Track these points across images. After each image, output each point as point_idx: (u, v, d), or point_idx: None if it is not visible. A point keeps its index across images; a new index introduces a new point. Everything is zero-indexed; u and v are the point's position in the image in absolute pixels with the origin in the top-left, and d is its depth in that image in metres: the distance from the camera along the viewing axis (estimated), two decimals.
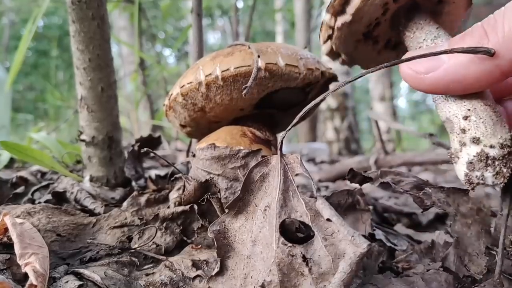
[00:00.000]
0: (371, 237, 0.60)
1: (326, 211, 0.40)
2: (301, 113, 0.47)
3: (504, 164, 0.39)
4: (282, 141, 0.47)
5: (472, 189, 0.41)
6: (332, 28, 0.55)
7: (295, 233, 0.44)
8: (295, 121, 0.49)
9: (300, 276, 0.38)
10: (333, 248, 0.38)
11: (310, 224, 0.40)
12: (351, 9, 0.50)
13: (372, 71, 0.43)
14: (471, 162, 0.41)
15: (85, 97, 0.77)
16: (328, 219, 0.39)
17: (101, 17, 0.74)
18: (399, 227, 0.84)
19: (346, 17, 0.51)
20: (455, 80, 0.40)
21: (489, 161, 0.40)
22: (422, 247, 0.60)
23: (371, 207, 0.88)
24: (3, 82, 1.66)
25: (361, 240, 0.36)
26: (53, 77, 5.19)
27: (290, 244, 0.40)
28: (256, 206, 0.46)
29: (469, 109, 0.42)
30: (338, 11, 0.52)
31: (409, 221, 0.91)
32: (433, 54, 0.40)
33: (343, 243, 0.38)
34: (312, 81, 0.66)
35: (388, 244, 0.66)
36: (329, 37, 0.57)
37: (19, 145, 0.78)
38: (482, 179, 0.40)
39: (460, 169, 0.42)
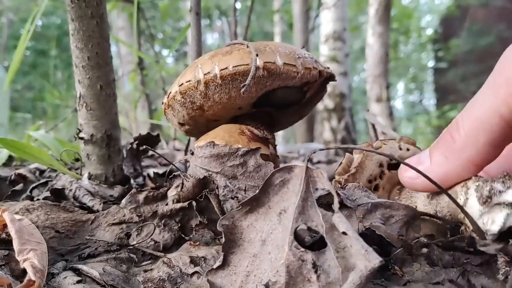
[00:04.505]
0: (363, 236, 0.60)
1: (343, 225, 0.40)
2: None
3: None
4: (308, 156, 0.49)
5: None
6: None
7: (305, 242, 0.45)
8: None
9: (306, 281, 0.39)
10: (343, 261, 0.39)
11: (324, 235, 0.41)
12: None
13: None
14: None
15: (84, 95, 0.78)
16: (343, 233, 0.40)
17: (100, 16, 0.75)
18: None
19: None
20: (439, 179, 0.46)
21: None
22: (417, 245, 0.61)
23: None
24: (1, 81, 1.66)
25: (373, 256, 0.36)
26: (51, 77, 5.18)
27: (303, 249, 0.40)
28: (270, 208, 0.47)
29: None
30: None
31: None
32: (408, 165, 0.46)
33: (355, 257, 0.38)
34: (310, 80, 0.67)
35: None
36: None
37: (17, 142, 0.79)
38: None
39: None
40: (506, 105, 0.41)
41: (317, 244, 0.41)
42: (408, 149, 0.60)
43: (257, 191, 0.47)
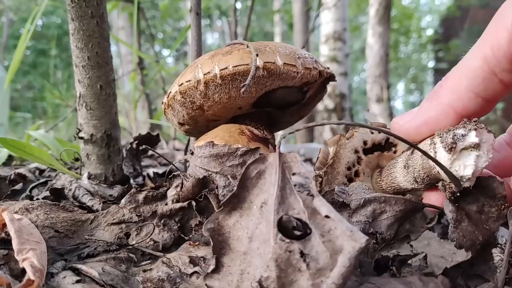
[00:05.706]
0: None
1: (324, 208, 0.40)
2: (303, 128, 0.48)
3: None
4: (280, 140, 0.48)
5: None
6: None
7: (292, 231, 0.45)
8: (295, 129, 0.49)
9: (297, 271, 0.39)
10: (330, 244, 0.38)
11: (307, 221, 0.41)
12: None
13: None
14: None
15: (84, 95, 0.78)
16: (326, 216, 0.40)
17: (100, 16, 0.75)
18: None
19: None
20: (420, 125, 0.48)
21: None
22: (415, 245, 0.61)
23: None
24: (1, 80, 1.66)
25: (359, 235, 0.36)
26: (51, 76, 5.18)
27: (288, 240, 0.40)
28: (251, 202, 0.46)
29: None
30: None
31: None
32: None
33: (341, 239, 0.38)
34: (310, 80, 0.67)
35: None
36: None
37: (17, 142, 0.79)
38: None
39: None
40: (490, 47, 0.42)
41: (302, 231, 0.41)
42: (379, 132, 0.61)
43: (235, 188, 0.47)
